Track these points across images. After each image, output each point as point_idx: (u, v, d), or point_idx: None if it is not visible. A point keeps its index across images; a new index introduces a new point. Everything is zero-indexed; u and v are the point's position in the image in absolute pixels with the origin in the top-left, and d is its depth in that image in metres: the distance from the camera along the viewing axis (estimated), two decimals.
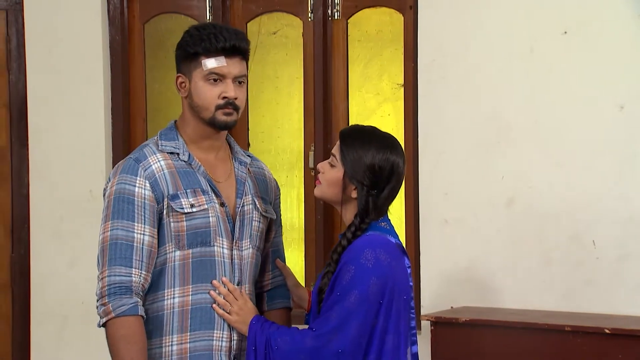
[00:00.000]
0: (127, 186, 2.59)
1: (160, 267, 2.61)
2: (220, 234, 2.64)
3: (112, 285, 2.55)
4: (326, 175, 2.65)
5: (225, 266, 2.65)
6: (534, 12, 3.89)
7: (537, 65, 3.88)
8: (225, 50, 2.61)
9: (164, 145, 2.67)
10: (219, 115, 2.63)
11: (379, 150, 2.61)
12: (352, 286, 2.49)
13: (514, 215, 3.91)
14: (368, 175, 2.59)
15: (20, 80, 4.65)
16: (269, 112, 4.57)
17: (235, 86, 2.63)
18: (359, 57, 4.43)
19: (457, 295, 3.98)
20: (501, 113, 3.94)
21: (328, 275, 2.57)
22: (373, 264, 2.51)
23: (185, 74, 2.67)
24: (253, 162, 2.84)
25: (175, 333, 2.61)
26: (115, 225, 2.58)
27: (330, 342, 2.49)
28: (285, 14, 4.52)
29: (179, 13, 4.63)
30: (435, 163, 4.05)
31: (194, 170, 2.66)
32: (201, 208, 2.62)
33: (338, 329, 2.48)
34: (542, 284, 3.86)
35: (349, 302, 2.49)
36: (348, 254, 2.55)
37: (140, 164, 2.62)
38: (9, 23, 4.66)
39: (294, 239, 4.51)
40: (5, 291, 4.67)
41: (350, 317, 2.49)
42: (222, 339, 2.64)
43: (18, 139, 4.66)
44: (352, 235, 2.58)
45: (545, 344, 3.41)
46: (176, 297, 2.61)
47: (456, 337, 3.58)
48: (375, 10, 4.41)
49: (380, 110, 4.40)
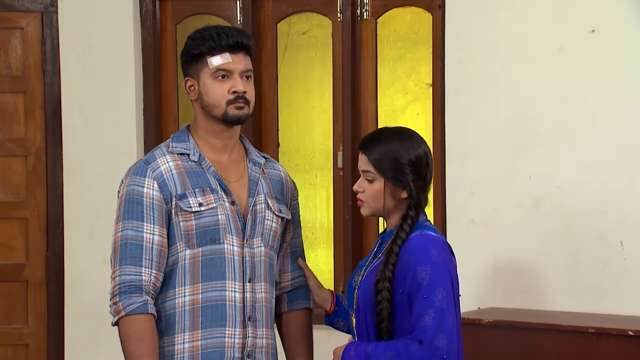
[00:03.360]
0: (137, 187, 2.65)
1: (172, 266, 2.65)
2: (230, 231, 2.67)
3: (123, 285, 2.60)
4: (368, 191, 2.65)
5: (236, 264, 2.67)
6: (562, 11, 3.85)
7: (564, 64, 3.84)
8: (229, 46, 2.67)
9: (175, 147, 2.72)
10: (231, 110, 2.68)
11: (406, 144, 2.63)
12: (436, 284, 2.51)
13: (541, 216, 3.88)
14: (411, 170, 2.61)
15: (54, 82, 4.72)
16: (298, 112, 4.58)
17: (243, 81, 2.69)
18: (388, 57, 4.42)
19: (484, 296, 3.96)
20: (528, 112, 3.92)
21: (388, 266, 2.56)
22: (443, 260, 2.54)
23: (193, 77, 2.72)
24: (268, 163, 2.85)
25: (186, 331, 2.64)
26: (126, 225, 2.63)
27: (437, 346, 2.48)
28: (315, 14, 4.53)
29: (210, 14, 4.67)
30: (462, 163, 4.04)
31: (203, 170, 2.69)
32: (210, 207, 2.65)
33: (438, 329, 2.49)
34: (570, 285, 3.83)
35: (439, 301, 2.50)
36: (412, 255, 2.54)
37: (149, 165, 2.67)
38: (44, 25, 4.73)
39: (323, 239, 4.53)
40: (41, 290, 4.75)
41: (444, 314, 2.50)
42: (235, 336, 2.66)
43: (53, 140, 4.74)
44: (409, 227, 2.59)
45: (569, 346, 3.38)
46: (187, 295, 2.64)
47: (480, 338, 3.56)
48: (404, 9, 4.40)
49: (409, 110, 4.40)
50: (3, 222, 4.76)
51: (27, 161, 4.75)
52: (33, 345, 4.76)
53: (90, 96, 4.63)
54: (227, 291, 2.66)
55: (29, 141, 4.75)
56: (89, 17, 4.63)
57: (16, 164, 4.76)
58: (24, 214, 4.76)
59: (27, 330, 4.76)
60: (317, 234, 4.53)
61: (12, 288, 4.76)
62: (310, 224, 4.54)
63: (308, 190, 4.53)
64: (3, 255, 4.76)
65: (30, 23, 4.74)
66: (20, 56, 4.75)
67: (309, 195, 4.54)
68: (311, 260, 4.53)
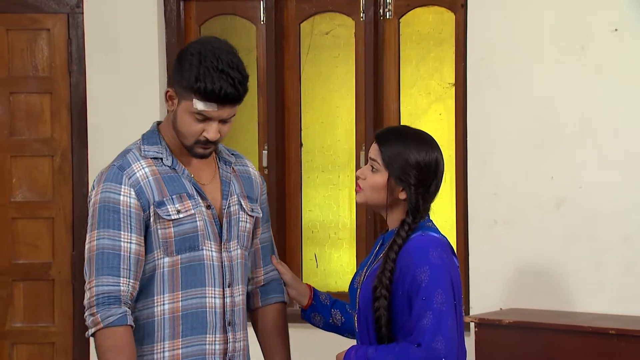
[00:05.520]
0: (112, 195, 2.58)
1: (150, 274, 2.60)
2: (208, 237, 2.63)
3: (100, 296, 2.54)
4: (369, 180, 2.63)
5: (215, 269, 2.64)
6: (584, 10, 3.82)
7: (587, 63, 3.82)
8: (219, 98, 2.54)
9: (147, 150, 2.65)
10: (196, 148, 2.61)
11: (420, 148, 2.60)
12: (435, 286, 2.49)
13: (564, 216, 3.86)
14: (415, 174, 2.58)
15: (80, 82, 4.76)
16: (321, 112, 4.58)
17: (220, 125, 2.59)
18: (411, 57, 4.41)
19: (507, 297, 3.94)
20: (551, 112, 3.89)
21: (385, 273, 2.54)
22: (443, 262, 2.52)
23: (176, 94, 2.60)
24: (238, 161, 2.80)
25: (167, 339, 2.60)
26: (102, 234, 2.56)
27: (435, 349, 2.46)
28: (338, 14, 4.53)
29: (234, 15, 4.68)
30: (484, 163, 4.02)
31: (178, 175, 2.64)
32: (188, 213, 2.61)
33: (436, 332, 2.46)
34: (594, 286, 3.80)
35: (438, 303, 2.48)
36: (411, 257, 2.53)
37: (124, 171, 2.60)
38: (70, 27, 4.77)
39: (345, 239, 4.53)
40: (67, 288, 4.79)
41: (443, 316, 2.47)
42: (215, 342, 2.64)
43: (78, 140, 4.77)
44: (406, 233, 2.57)
45: (590, 347, 3.36)
46: (166, 303, 2.60)
47: (500, 339, 3.55)
48: (426, 9, 4.39)
49: (432, 110, 4.38)
50: (30, 222, 4.81)
51: (53, 161, 4.80)
52: (59, 344, 4.80)
53: (115, 96, 4.66)
54: (207, 298, 2.62)
55: (55, 141, 4.79)
56: (114, 18, 4.67)
57: (42, 164, 4.80)
58: (50, 214, 4.80)
59: (53, 329, 4.81)
60: (340, 233, 4.53)
61: (38, 287, 4.80)
62: (332, 224, 4.55)
63: (330, 190, 4.54)
64: (30, 254, 4.81)
65: (57, 24, 4.78)
66: (47, 57, 4.79)
67: (331, 195, 4.54)
68: (334, 260, 4.55)
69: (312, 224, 4.59)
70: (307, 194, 4.60)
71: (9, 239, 4.79)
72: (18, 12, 4.77)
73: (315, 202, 4.59)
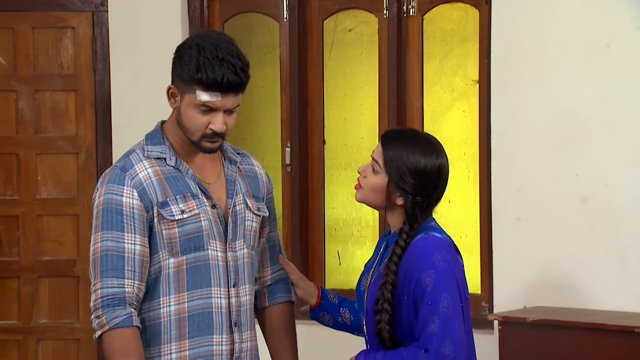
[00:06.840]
0: (115, 196, 2.56)
1: (155, 275, 2.59)
2: (213, 236, 2.62)
3: (105, 298, 2.52)
4: (369, 180, 2.59)
5: (220, 269, 2.62)
6: (609, 7, 3.80)
7: (612, 60, 3.79)
8: (222, 86, 2.52)
9: (150, 151, 2.63)
10: (204, 142, 2.58)
11: (425, 156, 2.53)
12: (441, 289, 2.45)
13: (588, 214, 3.84)
14: (413, 182, 2.52)
15: (105, 80, 4.79)
16: (344, 109, 4.58)
17: (225, 116, 2.57)
18: (434, 54, 4.40)
19: (531, 295, 3.92)
20: (575, 109, 3.87)
21: (387, 285, 2.49)
22: (447, 264, 2.48)
23: (178, 89, 2.59)
24: (243, 160, 2.78)
25: (173, 341, 2.59)
26: (105, 236, 2.55)
27: (443, 354, 2.42)
28: (361, 11, 4.53)
29: (258, 12, 4.69)
30: (508, 160, 4.00)
31: (182, 174, 2.62)
32: (192, 213, 2.59)
33: (444, 336, 2.42)
34: (619, 284, 3.78)
35: (444, 307, 2.44)
36: (415, 260, 2.48)
37: (126, 172, 2.58)
38: (94, 25, 4.81)
39: (368, 236, 4.52)
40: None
41: (450, 320, 2.44)
42: (222, 343, 2.62)
43: (103, 137, 4.81)
44: (405, 242, 2.51)
45: (614, 345, 3.34)
46: (172, 304, 2.59)
47: (524, 337, 3.54)
48: (450, 5, 4.37)
49: (455, 107, 4.37)
50: (55, 219, 4.84)
51: (78, 158, 4.83)
52: (84, 340, 4.83)
53: (139, 94, 4.68)
54: (213, 298, 2.61)
55: (79, 139, 4.83)
56: (138, 16, 4.69)
57: (67, 161, 4.84)
58: (75, 211, 4.84)
59: (78, 325, 4.84)
60: (363, 231, 4.53)
61: (63, 283, 4.84)
62: (355, 222, 4.55)
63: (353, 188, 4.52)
64: (55, 251, 4.84)
65: (82, 22, 4.81)
66: (72, 55, 4.83)
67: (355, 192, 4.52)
68: (356, 258, 4.55)
69: (335, 222, 4.59)
70: (331, 191, 4.60)
71: (35, 235, 4.83)
72: (43, 10, 4.81)
73: (338, 199, 4.59)
